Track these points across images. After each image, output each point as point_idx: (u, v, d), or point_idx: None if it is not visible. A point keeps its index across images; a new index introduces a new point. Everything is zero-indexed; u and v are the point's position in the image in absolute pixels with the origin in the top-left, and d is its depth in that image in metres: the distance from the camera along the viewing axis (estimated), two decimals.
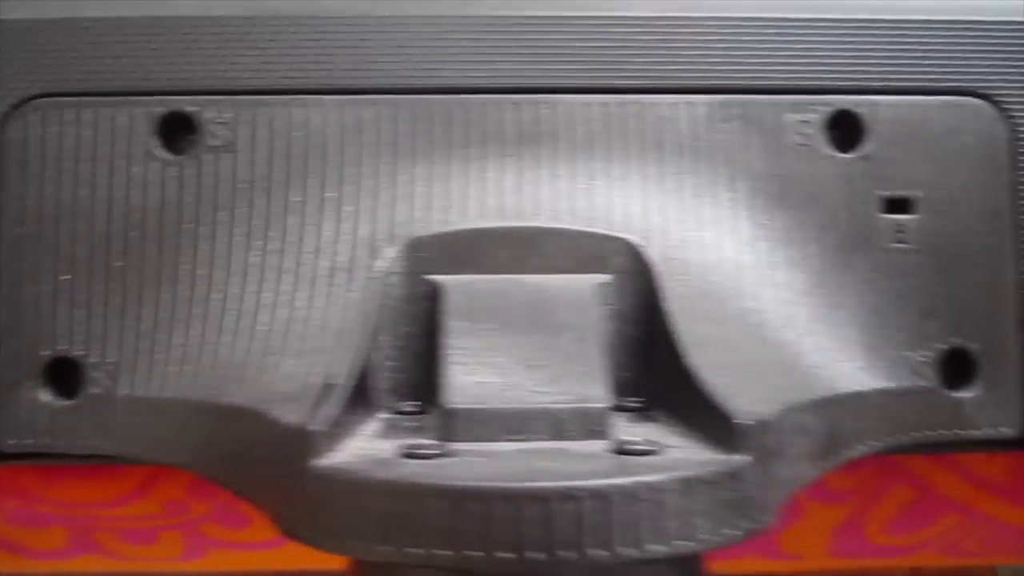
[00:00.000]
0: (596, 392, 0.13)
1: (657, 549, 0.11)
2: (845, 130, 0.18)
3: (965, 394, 0.17)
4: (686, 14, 0.17)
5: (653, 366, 0.15)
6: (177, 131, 0.17)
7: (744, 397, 0.13)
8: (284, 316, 0.15)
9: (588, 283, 0.15)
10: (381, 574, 0.12)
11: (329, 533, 0.11)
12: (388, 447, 0.12)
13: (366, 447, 0.13)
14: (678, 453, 0.12)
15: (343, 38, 0.17)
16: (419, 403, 0.15)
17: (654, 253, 0.16)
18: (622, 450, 0.12)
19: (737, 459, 0.12)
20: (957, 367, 0.17)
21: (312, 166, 0.17)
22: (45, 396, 0.17)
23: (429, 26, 0.17)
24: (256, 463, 0.13)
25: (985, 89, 0.18)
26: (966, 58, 0.18)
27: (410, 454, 0.12)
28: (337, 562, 0.16)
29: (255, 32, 0.17)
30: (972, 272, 0.17)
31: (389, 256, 0.16)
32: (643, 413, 0.14)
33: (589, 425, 0.13)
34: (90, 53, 0.17)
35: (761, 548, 0.25)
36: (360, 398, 0.14)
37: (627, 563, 0.11)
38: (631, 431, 0.13)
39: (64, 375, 0.17)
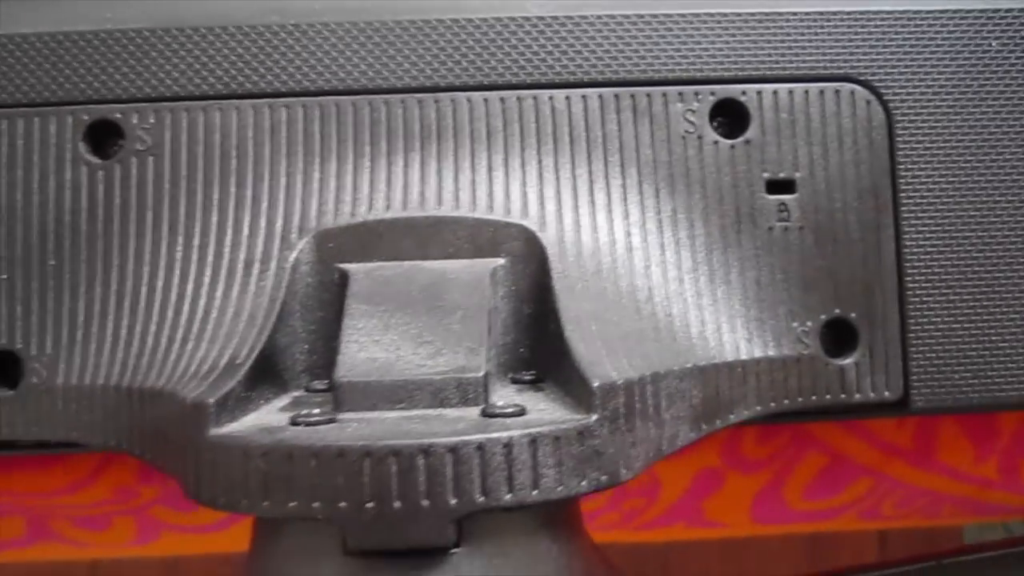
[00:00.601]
0: (475, 363, 0.14)
1: (505, 498, 0.12)
2: (730, 117, 0.19)
3: (847, 361, 0.19)
4: (576, 13, 0.19)
5: (545, 341, 0.16)
6: (105, 137, 0.18)
7: (609, 365, 0.14)
8: (202, 306, 0.16)
9: (484, 267, 0.17)
10: (271, 528, 0.13)
11: (222, 494, 0.13)
12: (283, 418, 0.14)
13: (264, 419, 0.14)
14: (540, 415, 0.13)
15: (254, 46, 0.18)
16: (328, 381, 0.16)
17: (548, 237, 0.17)
18: (489, 413, 0.13)
19: (586, 418, 0.13)
20: (839, 336, 0.19)
21: (229, 166, 0.18)
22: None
23: (335, 33, 0.18)
24: (169, 438, 0.14)
25: (861, 75, 0.19)
26: (843, 46, 0.19)
27: (296, 422, 0.13)
28: None
29: (173, 42, 0.18)
30: (851, 246, 0.19)
31: (300, 247, 0.17)
32: (534, 384, 0.16)
33: (466, 393, 0.14)
34: (20, 67, 0.18)
35: (688, 517, 0.27)
36: (271, 377, 0.15)
37: (482, 510, 0.12)
38: (510, 398, 0.14)
39: (6, 368, 0.18)
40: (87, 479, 0.25)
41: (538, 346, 0.16)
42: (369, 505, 0.12)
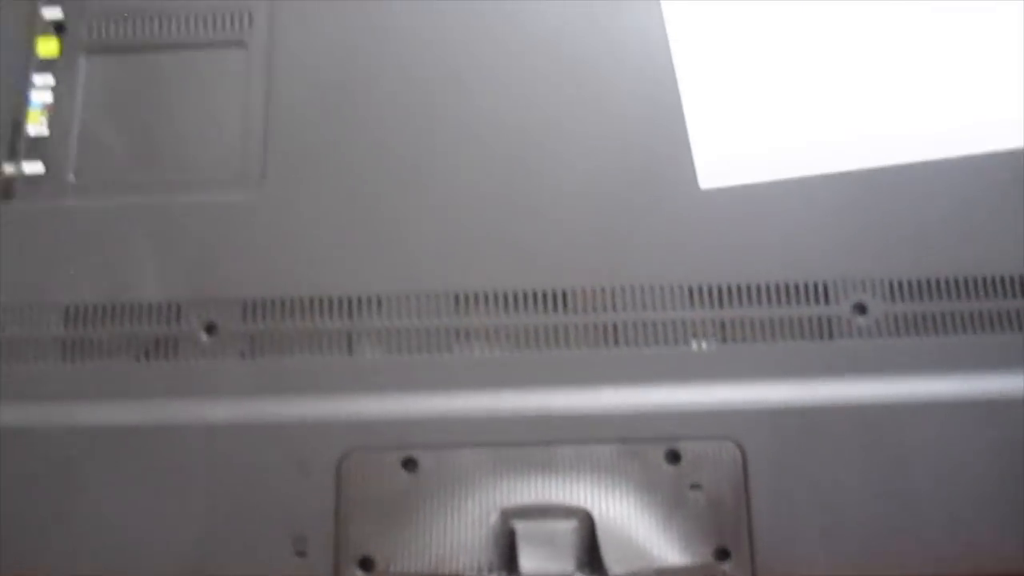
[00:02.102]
0: (570, 565, 0.39)
1: None
2: (674, 455, 0.44)
3: (725, 566, 0.42)
4: (597, 413, 0.44)
5: (594, 555, 0.41)
6: (409, 464, 0.44)
7: (617, 568, 0.38)
8: (459, 542, 0.41)
9: (569, 525, 0.41)
10: None
11: None
12: None
13: None
14: None
15: (484, 430, 0.44)
16: (507, 572, 0.40)
17: (593, 510, 0.42)
18: None
19: None
20: (721, 554, 0.43)
21: (466, 476, 0.43)
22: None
23: (511, 423, 0.44)
24: None
25: (733, 437, 0.44)
26: (725, 426, 0.44)
27: None
28: None
29: (445, 426, 0.44)
30: (728, 514, 0.43)
31: (495, 514, 0.42)
32: (590, 572, 0.40)
33: (568, 573, 0.39)
34: (377, 428, 0.44)
35: None
36: (490, 568, 0.40)
37: None
38: None
39: (367, 563, 0.43)
40: None
41: (594, 560, 0.41)
42: None
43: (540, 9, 0.52)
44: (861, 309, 0.46)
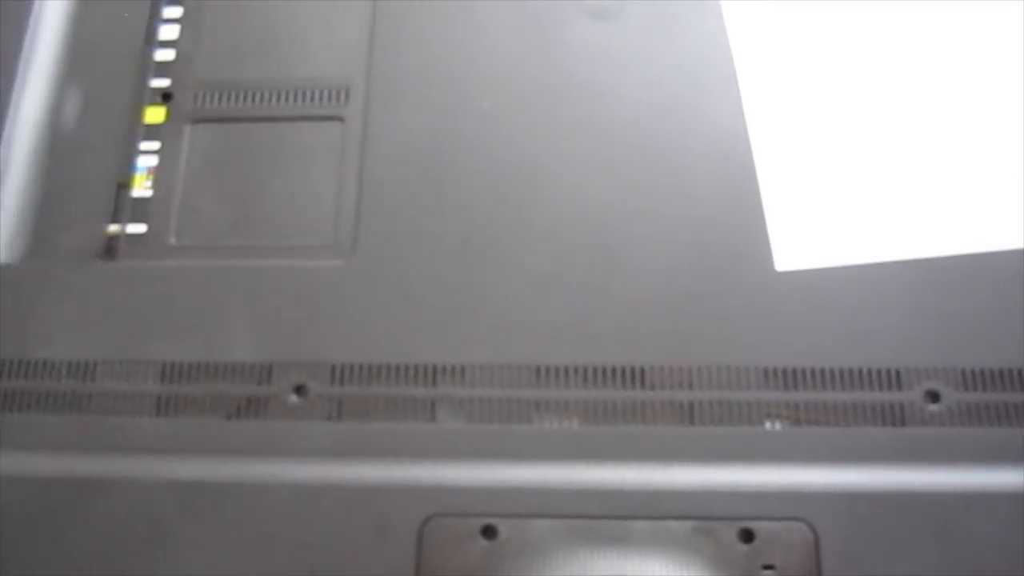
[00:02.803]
0: None
1: None
2: (747, 535, 0.44)
3: None
4: (672, 489, 0.45)
5: None
6: (489, 531, 0.45)
7: None
8: None
9: None
10: None
11: None
12: None
13: None
14: None
15: (561, 501, 0.45)
16: None
17: None
18: None
19: None
20: None
21: (545, 546, 0.44)
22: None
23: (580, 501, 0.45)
24: None
25: (804, 518, 0.45)
26: (796, 506, 0.45)
27: None
28: None
29: (523, 496, 0.45)
30: None
31: None
32: None
33: None
34: (457, 495, 0.45)
35: None
36: None
37: None
38: None
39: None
40: None
41: None
42: None
43: (619, 97, 0.54)
44: (934, 397, 0.47)
